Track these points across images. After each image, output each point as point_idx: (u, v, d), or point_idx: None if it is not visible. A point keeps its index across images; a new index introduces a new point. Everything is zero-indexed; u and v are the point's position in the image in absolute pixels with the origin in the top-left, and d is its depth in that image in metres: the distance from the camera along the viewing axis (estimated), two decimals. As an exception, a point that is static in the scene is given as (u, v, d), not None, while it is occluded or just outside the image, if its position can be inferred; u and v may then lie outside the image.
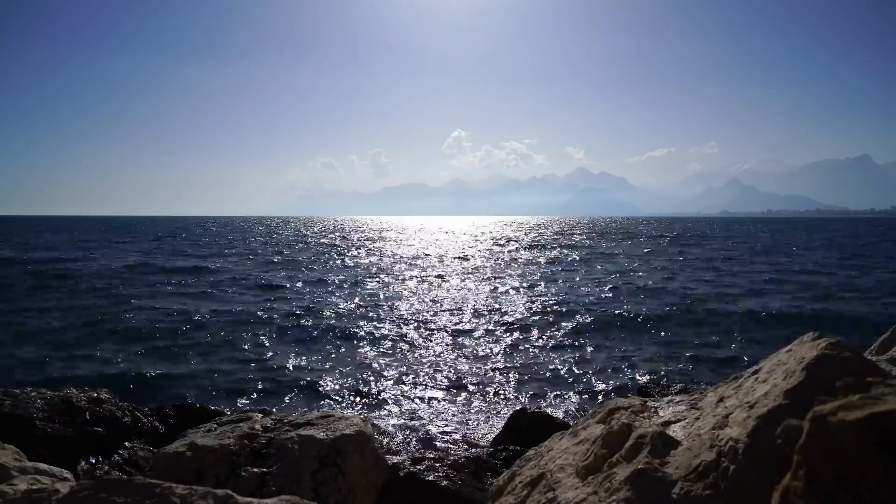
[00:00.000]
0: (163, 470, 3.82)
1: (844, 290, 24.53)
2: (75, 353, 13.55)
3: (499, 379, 11.88)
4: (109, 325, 16.65)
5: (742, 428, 2.19)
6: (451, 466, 4.48)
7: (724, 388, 2.67)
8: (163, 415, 5.93)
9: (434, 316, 18.62)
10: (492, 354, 13.63)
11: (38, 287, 24.29)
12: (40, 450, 4.56)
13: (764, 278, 28.49)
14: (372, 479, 4.15)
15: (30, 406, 5.15)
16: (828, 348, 2.24)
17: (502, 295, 23.37)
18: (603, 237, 77.89)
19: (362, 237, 78.54)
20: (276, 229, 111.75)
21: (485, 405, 10.35)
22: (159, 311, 19.12)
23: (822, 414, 1.12)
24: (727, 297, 22.68)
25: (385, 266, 36.41)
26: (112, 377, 11.56)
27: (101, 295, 22.38)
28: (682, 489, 2.18)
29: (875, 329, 6.10)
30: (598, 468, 2.55)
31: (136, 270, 31.44)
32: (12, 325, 16.55)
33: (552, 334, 15.79)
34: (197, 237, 75.64)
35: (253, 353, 13.78)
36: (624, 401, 3.02)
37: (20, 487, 2.61)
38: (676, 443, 2.42)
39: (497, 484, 3.16)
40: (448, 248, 55.04)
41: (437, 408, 10.15)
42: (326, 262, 38.65)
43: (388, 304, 21.08)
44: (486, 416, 9.82)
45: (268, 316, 18.57)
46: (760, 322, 17.68)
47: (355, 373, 12.23)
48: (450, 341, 14.94)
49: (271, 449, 4.05)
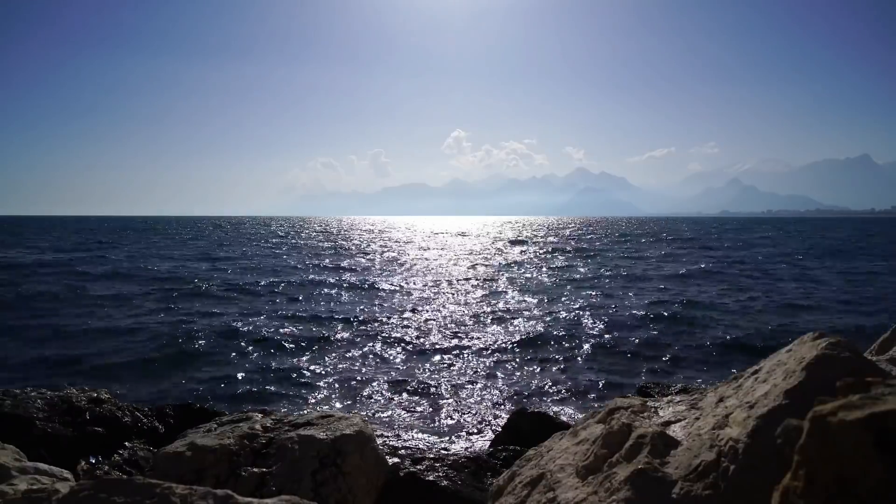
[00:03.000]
0: (163, 470, 3.82)
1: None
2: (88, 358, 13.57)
3: (499, 379, 11.88)
4: (110, 326, 16.67)
5: (742, 428, 2.19)
6: (451, 466, 4.48)
7: (724, 388, 2.67)
8: (163, 415, 5.93)
9: (434, 316, 18.62)
10: (492, 355, 13.63)
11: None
12: (40, 450, 4.56)
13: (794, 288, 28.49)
14: (372, 479, 4.15)
15: (30, 406, 5.15)
16: (828, 348, 2.24)
17: (503, 296, 23.37)
18: (612, 238, 77.87)
19: (365, 238, 78.53)
20: (290, 229, 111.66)
21: (485, 405, 10.35)
22: (159, 311, 19.13)
23: (822, 414, 1.12)
24: (731, 299, 22.68)
25: (385, 267, 36.41)
26: (112, 377, 11.57)
27: (102, 295, 22.39)
28: (682, 489, 2.18)
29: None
30: (598, 468, 2.55)
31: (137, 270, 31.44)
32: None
33: (552, 334, 15.78)
34: (201, 237, 75.66)
35: (253, 354, 13.77)
36: (624, 401, 3.02)
37: (20, 487, 2.61)
38: (676, 443, 2.42)
39: (497, 484, 3.16)
40: (449, 249, 55.04)
41: (438, 408, 10.15)
42: (327, 262, 38.64)
43: (388, 304, 21.08)
44: (486, 416, 9.82)
45: (267, 316, 18.57)
46: (762, 324, 17.68)
47: (355, 373, 12.23)
48: (450, 341, 14.93)
49: (271, 449, 4.04)
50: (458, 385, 11.39)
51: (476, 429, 9.24)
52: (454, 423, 9.50)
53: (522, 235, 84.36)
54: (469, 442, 8.59)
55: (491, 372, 12.30)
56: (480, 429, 9.21)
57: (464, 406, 10.27)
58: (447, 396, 10.76)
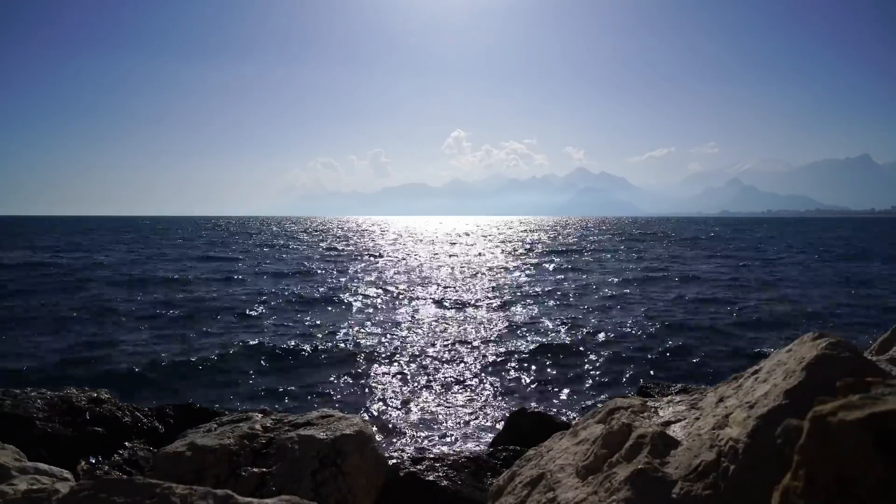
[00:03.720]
0: (163, 470, 3.82)
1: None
2: (77, 351, 13.56)
3: (499, 379, 11.88)
4: (110, 326, 16.67)
5: (742, 428, 2.19)
6: (451, 466, 4.48)
7: (724, 388, 2.67)
8: (163, 415, 5.92)
9: (435, 317, 18.62)
10: (492, 355, 13.62)
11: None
12: (40, 450, 4.56)
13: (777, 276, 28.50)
14: (372, 479, 4.15)
15: (30, 406, 5.15)
16: (828, 348, 2.24)
17: (503, 296, 23.36)
18: (612, 238, 77.84)
19: (366, 238, 78.54)
20: (290, 229, 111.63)
21: (485, 405, 10.35)
22: (159, 310, 19.12)
23: (822, 414, 1.12)
24: (731, 299, 22.67)
25: (386, 267, 36.41)
26: (112, 377, 11.57)
27: (102, 295, 22.39)
28: (682, 489, 2.18)
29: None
30: (598, 468, 2.55)
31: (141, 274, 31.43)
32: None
33: (553, 335, 15.79)
34: (204, 236, 75.62)
35: (253, 354, 13.77)
36: (624, 401, 3.02)
37: (20, 487, 2.61)
38: (676, 443, 2.42)
39: (497, 484, 3.16)
40: (450, 250, 55.04)
41: (438, 408, 10.15)
42: (326, 263, 38.64)
43: (388, 305, 21.08)
44: (486, 416, 9.82)
45: (268, 316, 18.57)
46: (763, 325, 17.68)
47: (356, 373, 12.22)
48: (450, 342, 14.93)
49: (271, 449, 4.04)
50: (458, 385, 11.40)
51: (476, 429, 9.24)
52: (454, 423, 9.50)
53: (524, 235, 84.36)
54: (469, 442, 8.59)
55: (491, 372, 12.30)
56: (480, 429, 9.22)
57: (464, 406, 10.27)
58: (447, 396, 10.76)
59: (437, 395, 10.79)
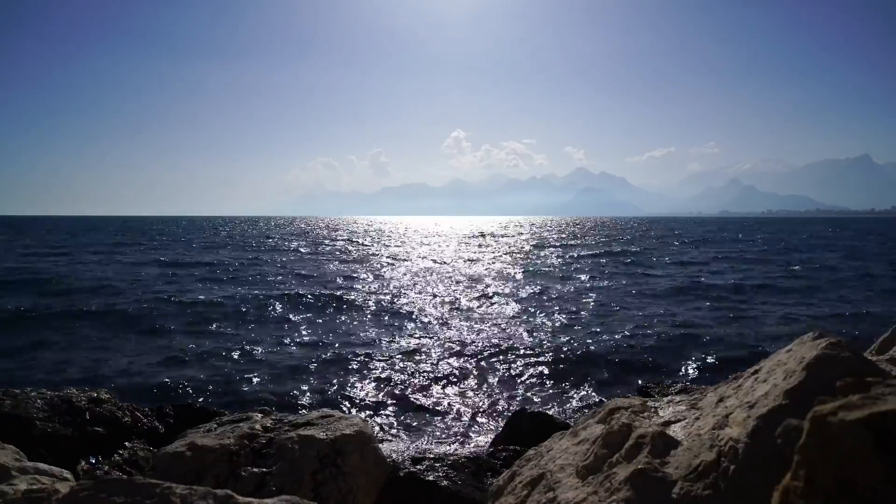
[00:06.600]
0: (163, 470, 3.82)
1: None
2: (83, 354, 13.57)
3: (499, 379, 11.88)
4: (110, 326, 16.67)
5: (742, 428, 2.19)
6: (451, 466, 4.48)
7: (724, 388, 2.67)
8: (163, 415, 5.93)
9: (435, 317, 18.62)
10: (492, 355, 13.62)
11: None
12: (40, 450, 4.56)
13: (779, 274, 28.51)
14: (372, 478, 4.15)
15: (30, 406, 5.15)
16: (828, 348, 2.24)
17: (503, 296, 23.36)
18: (613, 238, 77.86)
19: (366, 238, 78.58)
20: (292, 229, 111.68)
21: (485, 405, 10.34)
22: (158, 310, 19.12)
23: (822, 414, 1.12)
24: (732, 299, 22.68)
25: (386, 268, 36.42)
26: (112, 377, 11.57)
27: (100, 295, 22.39)
28: (682, 489, 2.18)
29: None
30: (598, 468, 2.55)
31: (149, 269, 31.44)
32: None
33: (553, 335, 15.78)
34: (207, 237, 75.65)
35: (253, 354, 13.77)
36: (624, 401, 3.02)
37: (20, 487, 2.61)
38: (676, 443, 2.42)
39: (497, 484, 3.16)
40: (451, 250, 55.04)
41: (438, 408, 10.15)
42: (327, 263, 38.65)
43: (388, 305, 21.08)
44: (486, 416, 9.82)
45: (268, 316, 18.57)
46: (766, 323, 17.67)
47: (356, 373, 12.23)
48: (450, 342, 14.93)
49: (271, 449, 4.04)
50: (458, 385, 11.39)
51: (476, 429, 9.24)
52: (454, 423, 9.50)
53: (525, 235, 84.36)
54: (469, 442, 8.59)
55: (491, 372, 12.30)
56: (480, 429, 9.21)
57: (464, 406, 10.27)
58: (447, 396, 10.76)
59: (438, 395, 10.78)
